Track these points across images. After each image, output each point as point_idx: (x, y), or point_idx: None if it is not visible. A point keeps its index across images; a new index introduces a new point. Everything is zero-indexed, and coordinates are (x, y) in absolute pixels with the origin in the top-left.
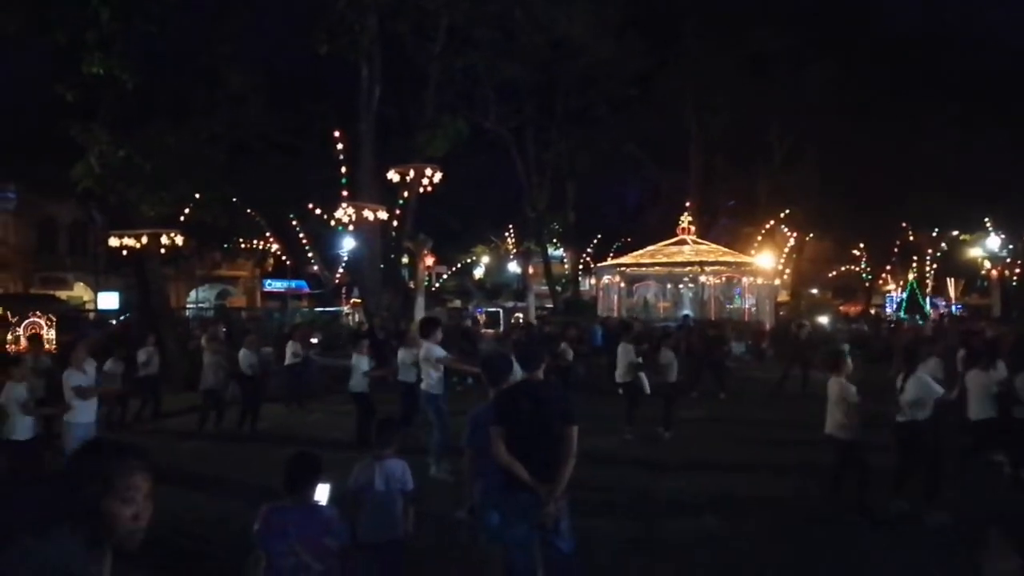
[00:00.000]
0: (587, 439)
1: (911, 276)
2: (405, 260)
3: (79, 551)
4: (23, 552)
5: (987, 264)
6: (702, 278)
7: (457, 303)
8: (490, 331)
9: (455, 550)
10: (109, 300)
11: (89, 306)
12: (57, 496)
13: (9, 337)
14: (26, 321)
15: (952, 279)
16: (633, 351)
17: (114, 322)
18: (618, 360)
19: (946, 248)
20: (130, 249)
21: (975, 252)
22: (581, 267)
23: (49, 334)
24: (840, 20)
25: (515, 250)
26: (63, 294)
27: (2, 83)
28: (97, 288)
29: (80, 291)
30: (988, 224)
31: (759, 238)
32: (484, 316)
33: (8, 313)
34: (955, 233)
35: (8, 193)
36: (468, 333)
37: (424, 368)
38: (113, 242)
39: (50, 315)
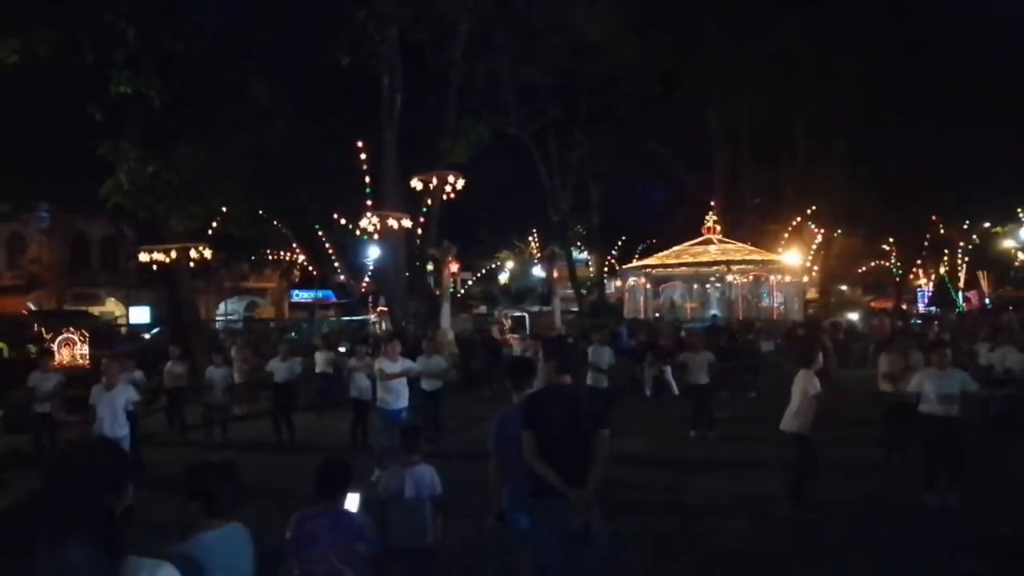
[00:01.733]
0: (616, 440)
1: (943, 269)
2: (430, 267)
3: (99, 559)
4: (44, 560)
5: (1020, 255)
6: (729, 277)
7: (483, 309)
8: (515, 336)
9: (485, 555)
10: (140, 314)
11: (121, 321)
12: (76, 504)
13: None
14: (60, 337)
15: (984, 272)
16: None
17: (147, 336)
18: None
19: (977, 240)
20: (160, 264)
21: (1008, 243)
22: (606, 269)
23: (83, 350)
24: (866, 12)
25: (539, 254)
26: (95, 310)
27: (33, 104)
28: (128, 303)
29: (112, 306)
30: (1021, 215)
31: (786, 235)
32: (510, 320)
33: (43, 329)
34: (987, 225)
35: (41, 212)
36: (490, 341)
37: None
38: (143, 257)
39: (83, 331)
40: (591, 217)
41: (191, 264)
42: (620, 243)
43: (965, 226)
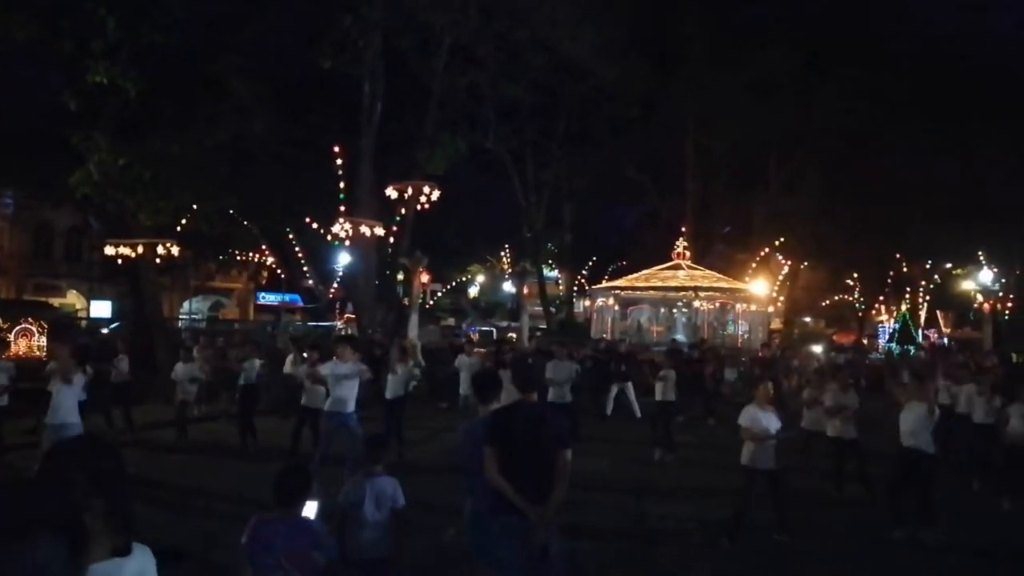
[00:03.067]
0: (577, 461)
1: (904, 307)
2: (400, 277)
3: (65, 558)
4: (7, 559)
5: (979, 297)
6: (696, 303)
7: (451, 321)
8: (482, 350)
9: (446, 568)
10: (102, 308)
11: (82, 314)
12: (39, 501)
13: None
14: (17, 327)
15: (944, 312)
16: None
17: (105, 331)
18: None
19: (939, 280)
20: (125, 258)
21: (967, 285)
22: (576, 288)
23: (40, 341)
24: (842, 49)
25: (510, 270)
26: (56, 301)
27: (4, 88)
28: (90, 296)
29: (73, 299)
30: (981, 257)
31: (754, 265)
32: (477, 335)
33: (0, 319)
34: (948, 266)
35: (6, 198)
36: (459, 349)
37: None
38: (109, 250)
39: (42, 322)
40: (564, 236)
41: (157, 260)
42: (591, 263)
43: (928, 266)
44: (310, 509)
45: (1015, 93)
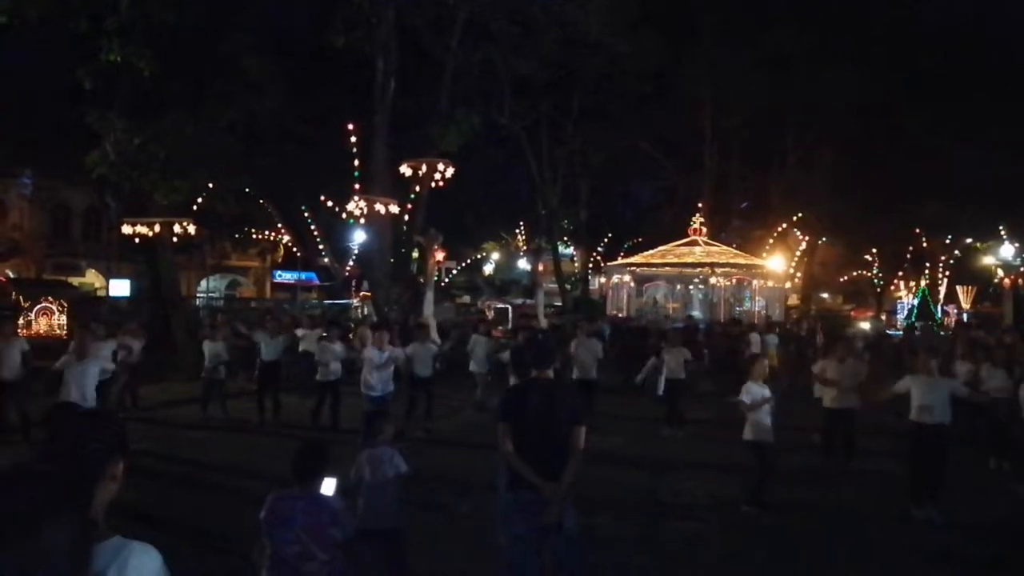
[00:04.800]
0: (592, 437)
1: (923, 283)
2: (415, 254)
3: (74, 539)
4: (24, 538)
5: (1000, 272)
6: (712, 279)
7: (466, 299)
8: (498, 330)
9: (460, 538)
10: (121, 287)
11: (101, 293)
12: (53, 479)
13: (21, 322)
14: (37, 306)
15: (964, 287)
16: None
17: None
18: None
19: (959, 255)
20: (143, 237)
21: (988, 260)
22: (591, 266)
23: (60, 320)
24: (859, 22)
25: (526, 247)
26: (75, 280)
27: (20, 68)
28: (109, 275)
29: (92, 278)
30: (1002, 232)
31: (771, 241)
32: (492, 312)
33: (21, 298)
34: (968, 240)
35: (24, 179)
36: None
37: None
38: (126, 230)
39: (62, 301)
40: (579, 213)
41: (174, 239)
42: (606, 240)
43: (947, 241)
44: (328, 486)
45: None
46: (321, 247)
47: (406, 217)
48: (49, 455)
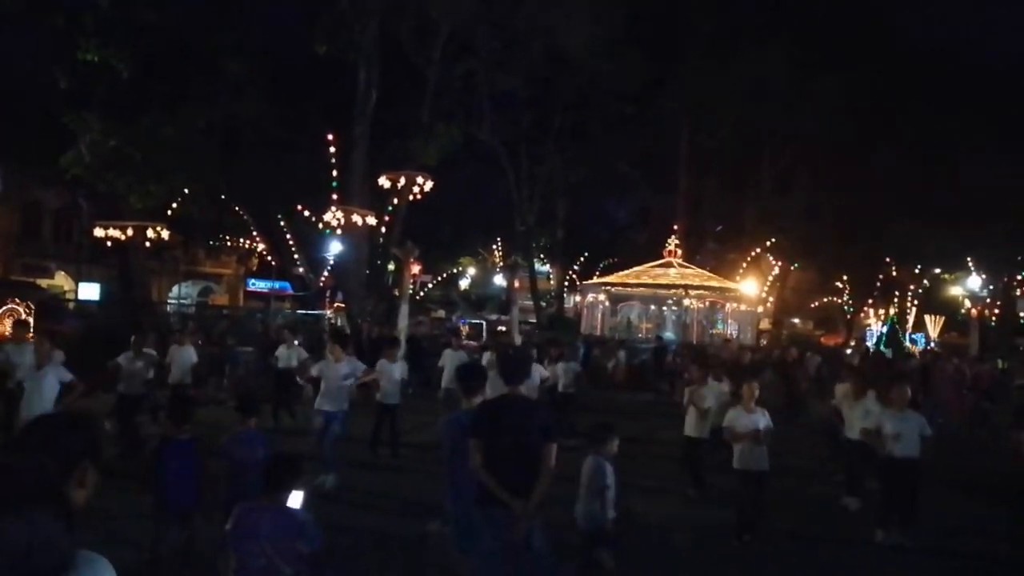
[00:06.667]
0: (569, 455)
1: (892, 311)
2: (391, 267)
3: (59, 528)
4: (8, 532)
5: (967, 303)
6: (686, 301)
7: (441, 313)
8: (472, 343)
9: (428, 559)
10: (90, 291)
11: (70, 296)
12: (37, 476)
13: None
14: (4, 308)
15: (932, 316)
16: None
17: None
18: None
19: (928, 285)
20: (115, 240)
21: (956, 291)
22: (567, 284)
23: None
24: (836, 48)
25: (502, 263)
26: (44, 282)
27: None
28: (79, 278)
29: (61, 280)
30: (970, 263)
31: (744, 265)
32: (468, 327)
33: None
34: (937, 271)
35: None
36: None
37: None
38: (98, 232)
39: (29, 303)
40: (556, 231)
41: (147, 243)
42: (582, 259)
43: (917, 270)
44: (296, 499)
45: (1005, 98)
46: (296, 256)
47: (383, 229)
48: (22, 454)
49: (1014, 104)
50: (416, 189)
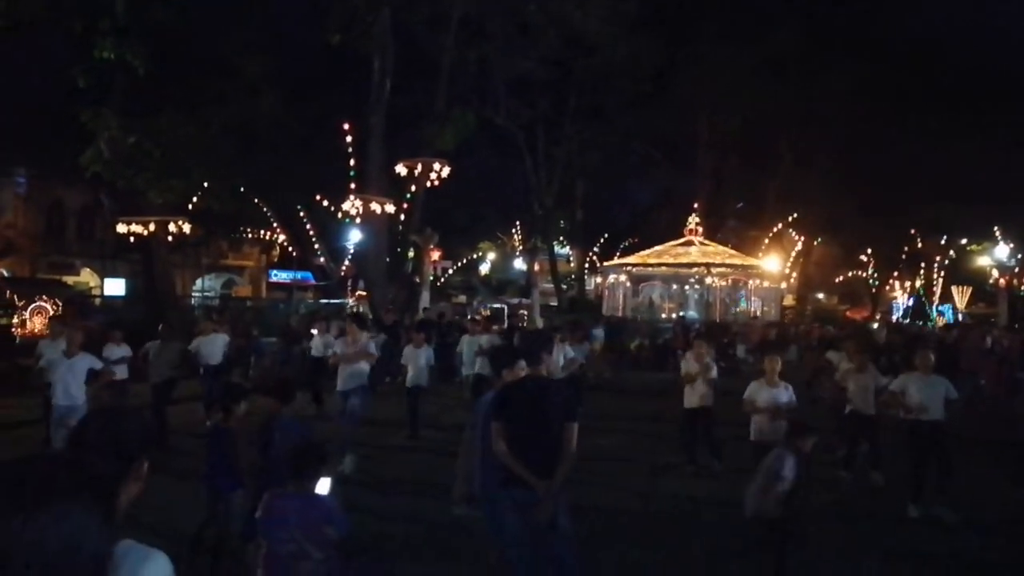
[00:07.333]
0: (588, 437)
1: (918, 283)
2: (411, 254)
3: (96, 528)
4: (40, 528)
5: (995, 273)
6: (708, 279)
7: (462, 298)
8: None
9: (451, 545)
10: (115, 287)
11: (95, 292)
12: (72, 471)
13: (15, 320)
14: (32, 305)
15: (959, 287)
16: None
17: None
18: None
19: (954, 256)
20: (138, 236)
21: (983, 261)
22: (587, 265)
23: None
24: (855, 25)
25: (522, 247)
26: (70, 279)
27: (15, 66)
28: (104, 274)
29: (87, 277)
30: (997, 233)
31: (766, 241)
32: (488, 311)
33: (15, 297)
34: (963, 241)
35: (18, 177)
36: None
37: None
38: (121, 228)
39: (56, 300)
40: (575, 213)
41: (169, 238)
42: (602, 240)
43: (943, 241)
44: (323, 485)
45: None
46: (317, 246)
47: (402, 216)
48: (77, 449)
49: None
50: (433, 175)
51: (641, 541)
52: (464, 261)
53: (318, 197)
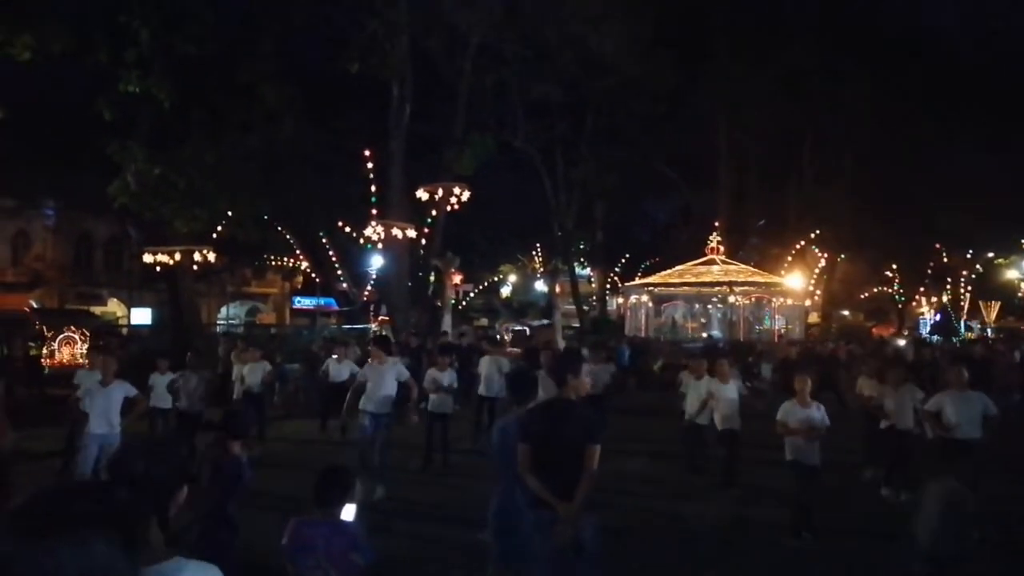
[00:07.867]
0: (615, 460)
1: (945, 298)
2: (432, 278)
3: (119, 555)
4: (59, 557)
5: (1023, 286)
6: (731, 298)
7: (484, 321)
8: (515, 350)
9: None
10: (142, 316)
11: (122, 322)
12: (95, 501)
13: (44, 351)
14: (60, 336)
15: (986, 302)
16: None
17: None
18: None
19: (980, 270)
20: (163, 265)
21: (1011, 274)
22: (608, 286)
23: (83, 349)
24: (874, 39)
25: (542, 269)
26: (97, 309)
27: (42, 99)
28: (131, 304)
29: (114, 307)
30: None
31: (789, 258)
32: (511, 334)
33: (44, 328)
34: (990, 255)
35: (47, 210)
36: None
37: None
38: (147, 258)
39: (84, 330)
40: (595, 233)
41: (194, 267)
42: (623, 260)
43: (968, 255)
44: (348, 511)
45: None
46: (339, 272)
47: (423, 241)
48: (113, 479)
49: None
50: (454, 200)
51: (668, 566)
52: (485, 284)
53: (340, 223)
